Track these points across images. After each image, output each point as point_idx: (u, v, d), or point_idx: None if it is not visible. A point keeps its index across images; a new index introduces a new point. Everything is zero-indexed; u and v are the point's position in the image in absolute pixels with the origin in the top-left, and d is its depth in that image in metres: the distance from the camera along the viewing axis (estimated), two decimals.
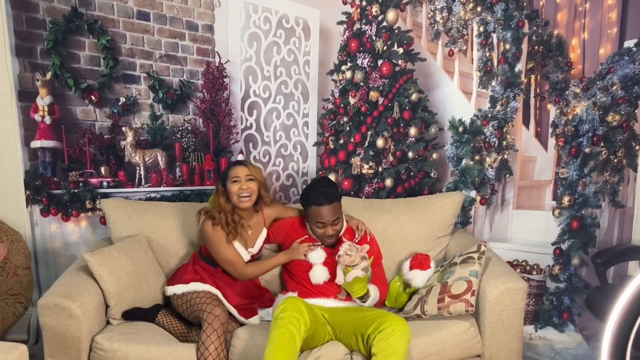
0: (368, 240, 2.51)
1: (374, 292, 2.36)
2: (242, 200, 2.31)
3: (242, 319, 2.35)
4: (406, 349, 2.01)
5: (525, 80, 3.08)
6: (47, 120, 2.83)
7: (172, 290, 2.36)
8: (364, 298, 2.32)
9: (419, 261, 2.52)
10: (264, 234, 2.49)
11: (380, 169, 3.14)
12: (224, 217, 2.32)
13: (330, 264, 2.37)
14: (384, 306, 2.53)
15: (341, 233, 2.45)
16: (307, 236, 2.46)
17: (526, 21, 3.00)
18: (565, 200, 3.05)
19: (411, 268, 2.52)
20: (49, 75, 2.80)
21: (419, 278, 2.48)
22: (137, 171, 2.98)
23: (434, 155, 3.16)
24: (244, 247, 2.40)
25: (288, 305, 2.01)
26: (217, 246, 2.32)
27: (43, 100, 2.82)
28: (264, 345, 1.99)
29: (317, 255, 2.38)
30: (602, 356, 1.67)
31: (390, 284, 2.57)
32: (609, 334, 1.69)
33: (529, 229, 3.19)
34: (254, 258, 2.45)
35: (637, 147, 3.01)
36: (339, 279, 2.30)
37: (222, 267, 2.36)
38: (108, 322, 2.28)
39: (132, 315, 2.30)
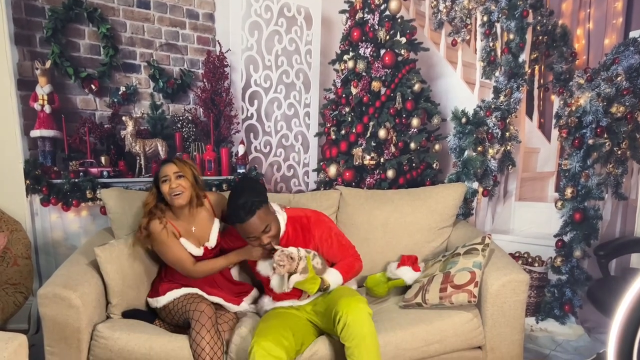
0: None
1: (332, 277, 2.25)
2: (175, 198, 2.24)
3: (231, 305, 2.33)
4: (368, 327, 1.97)
5: (529, 71, 3.06)
6: (47, 109, 2.81)
7: (153, 303, 2.33)
8: (322, 290, 2.23)
9: (411, 261, 2.55)
10: (216, 224, 2.40)
11: (382, 160, 3.13)
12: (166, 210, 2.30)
13: None
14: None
15: (282, 230, 2.29)
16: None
17: (530, 11, 2.97)
18: (568, 192, 3.04)
19: (400, 266, 2.54)
20: (48, 64, 2.78)
21: (408, 275, 2.48)
22: (138, 161, 2.96)
23: (437, 147, 3.13)
24: (196, 244, 2.33)
25: (256, 354, 1.92)
26: (163, 247, 2.25)
27: (42, 89, 2.80)
28: None
29: (265, 266, 2.30)
30: (608, 355, 1.65)
31: (374, 276, 2.56)
32: (616, 331, 1.66)
33: (531, 220, 3.18)
34: (213, 252, 2.39)
35: None
36: (280, 287, 2.21)
37: (172, 267, 2.30)
38: (108, 317, 2.26)
39: (131, 315, 2.27)
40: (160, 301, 2.29)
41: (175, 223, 2.31)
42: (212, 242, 2.37)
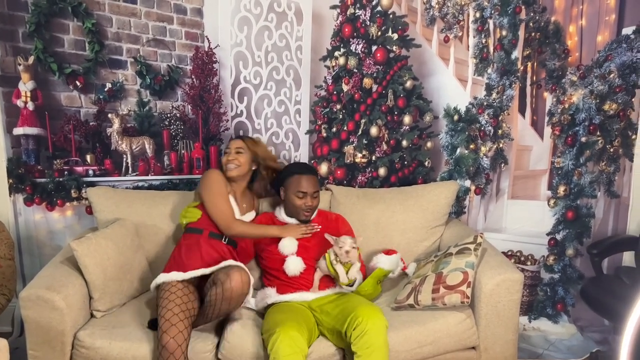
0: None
1: (359, 277, 2.32)
2: (228, 169, 2.43)
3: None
4: (384, 339, 1.99)
5: (522, 68, 3.03)
6: (30, 106, 2.74)
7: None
8: (353, 284, 2.28)
9: (386, 251, 2.48)
10: (251, 215, 2.53)
11: (373, 157, 3.09)
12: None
13: (303, 252, 2.35)
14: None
15: (313, 216, 2.48)
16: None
17: (523, 7, 2.95)
18: (561, 190, 3.02)
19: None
20: (31, 60, 2.71)
21: (382, 259, 2.36)
22: (124, 159, 2.90)
23: (429, 144, 3.10)
24: (238, 211, 2.44)
25: (282, 344, 1.90)
26: (215, 192, 2.36)
27: (25, 85, 2.73)
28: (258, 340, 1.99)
29: (288, 244, 2.35)
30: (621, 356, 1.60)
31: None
32: (629, 336, 1.61)
33: (523, 219, 3.16)
34: None
35: (633, 137, 2.98)
36: (342, 277, 2.23)
37: (211, 216, 2.35)
38: (92, 315, 2.21)
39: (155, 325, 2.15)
40: (156, 280, 2.22)
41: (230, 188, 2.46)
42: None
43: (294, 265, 2.32)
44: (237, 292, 2.03)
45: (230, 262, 2.20)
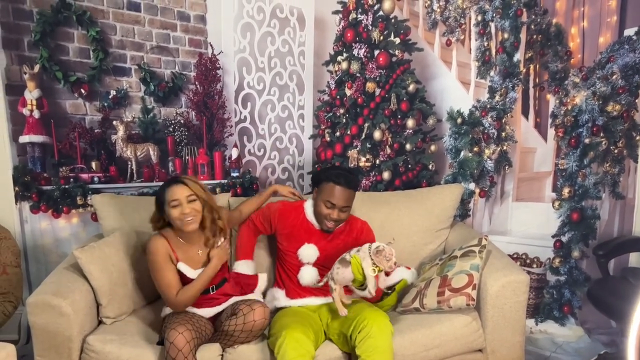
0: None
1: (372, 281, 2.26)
2: (187, 224, 2.08)
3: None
4: (389, 344, 1.99)
5: (524, 70, 3.04)
6: (36, 114, 2.76)
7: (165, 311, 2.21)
8: (364, 285, 2.19)
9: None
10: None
11: (377, 161, 3.09)
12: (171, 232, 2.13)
13: (323, 260, 2.31)
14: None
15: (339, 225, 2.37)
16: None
17: (524, 10, 2.95)
18: (565, 191, 3.02)
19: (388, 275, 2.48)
20: (37, 68, 2.74)
21: (406, 273, 2.40)
22: (129, 166, 2.92)
23: (432, 147, 3.11)
24: (195, 266, 2.16)
25: (288, 347, 1.91)
26: (157, 268, 2.10)
27: (31, 93, 2.75)
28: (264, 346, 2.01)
29: (308, 254, 2.30)
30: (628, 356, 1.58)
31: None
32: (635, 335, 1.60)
33: (528, 221, 3.15)
34: (218, 276, 2.21)
35: (637, 137, 2.98)
36: (381, 282, 2.26)
37: (158, 289, 2.14)
38: (100, 322, 2.21)
39: None
40: (165, 310, 2.20)
41: (178, 248, 2.15)
42: None
43: (309, 277, 2.28)
44: (259, 326, 2.03)
45: (254, 296, 2.24)
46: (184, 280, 2.13)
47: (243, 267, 2.41)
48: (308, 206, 2.40)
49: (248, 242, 2.47)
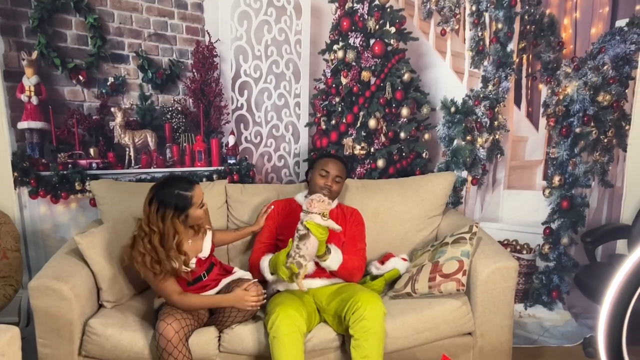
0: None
1: (335, 250, 2.32)
2: (205, 221, 2.26)
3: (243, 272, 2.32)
4: (381, 325, 2.06)
5: (517, 60, 3.08)
6: (34, 100, 2.78)
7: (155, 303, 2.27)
8: (324, 257, 2.28)
9: (387, 256, 2.62)
10: (209, 234, 2.30)
11: (372, 149, 3.14)
12: (158, 254, 2.03)
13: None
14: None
15: (332, 206, 2.36)
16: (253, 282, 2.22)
17: (518, 0, 2.98)
18: (556, 180, 3.08)
19: (385, 260, 2.59)
20: (35, 55, 2.75)
21: (400, 264, 2.55)
22: (127, 152, 2.95)
23: (426, 136, 3.15)
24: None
25: (280, 315, 2.00)
26: (160, 287, 2.10)
27: (29, 80, 2.77)
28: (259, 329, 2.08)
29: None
30: (598, 342, 1.68)
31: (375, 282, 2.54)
32: (605, 315, 1.70)
33: (519, 208, 3.21)
34: (207, 262, 2.26)
35: (627, 127, 3.03)
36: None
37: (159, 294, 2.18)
38: (101, 306, 2.27)
39: None
40: (156, 302, 2.26)
41: None
42: (205, 252, 2.26)
43: (309, 268, 2.27)
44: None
45: (244, 273, 2.31)
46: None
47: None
48: (299, 196, 2.58)
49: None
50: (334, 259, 2.31)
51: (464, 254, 2.27)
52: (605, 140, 3.04)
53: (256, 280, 2.22)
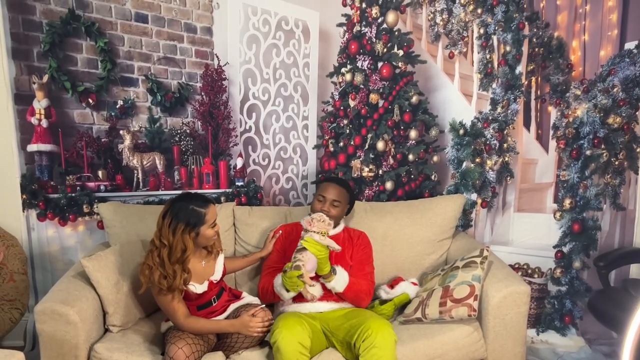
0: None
1: (340, 271, 2.28)
2: (216, 239, 2.21)
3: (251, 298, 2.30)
4: (392, 353, 2.01)
5: (526, 83, 3.08)
6: (44, 123, 2.80)
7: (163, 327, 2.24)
8: (329, 277, 2.24)
9: (402, 280, 2.58)
10: (221, 257, 2.29)
11: (380, 171, 3.13)
12: (165, 269, 2.01)
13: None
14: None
15: (338, 230, 2.48)
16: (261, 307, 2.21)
17: (526, 23, 2.99)
18: (567, 202, 3.04)
19: (395, 284, 2.55)
20: (45, 78, 2.77)
21: (410, 288, 2.51)
22: (135, 175, 2.95)
23: (435, 158, 3.14)
24: (200, 280, 2.16)
25: (283, 329, 1.99)
26: (167, 306, 2.07)
27: (40, 103, 2.79)
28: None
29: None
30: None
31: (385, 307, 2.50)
32: (631, 346, 1.63)
33: (530, 232, 3.18)
34: (218, 286, 2.24)
35: (638, 150, 3.01)
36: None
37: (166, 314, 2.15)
38: (107, 330, 2.24)
39: None
40: (163, 326, 2.23)
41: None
42: (217, 275, 2.23)
43: (316, 292, 2.27)
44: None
45: (253, 299, 2.28)
46: (190, 296, 2.13)
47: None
48: (303, 218, 2.47)
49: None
50: (339, 280, 2.27)
51: (475, 278, 2.23)
52: (617, 163, 3.01)
53: (264, 305, 2.20)
